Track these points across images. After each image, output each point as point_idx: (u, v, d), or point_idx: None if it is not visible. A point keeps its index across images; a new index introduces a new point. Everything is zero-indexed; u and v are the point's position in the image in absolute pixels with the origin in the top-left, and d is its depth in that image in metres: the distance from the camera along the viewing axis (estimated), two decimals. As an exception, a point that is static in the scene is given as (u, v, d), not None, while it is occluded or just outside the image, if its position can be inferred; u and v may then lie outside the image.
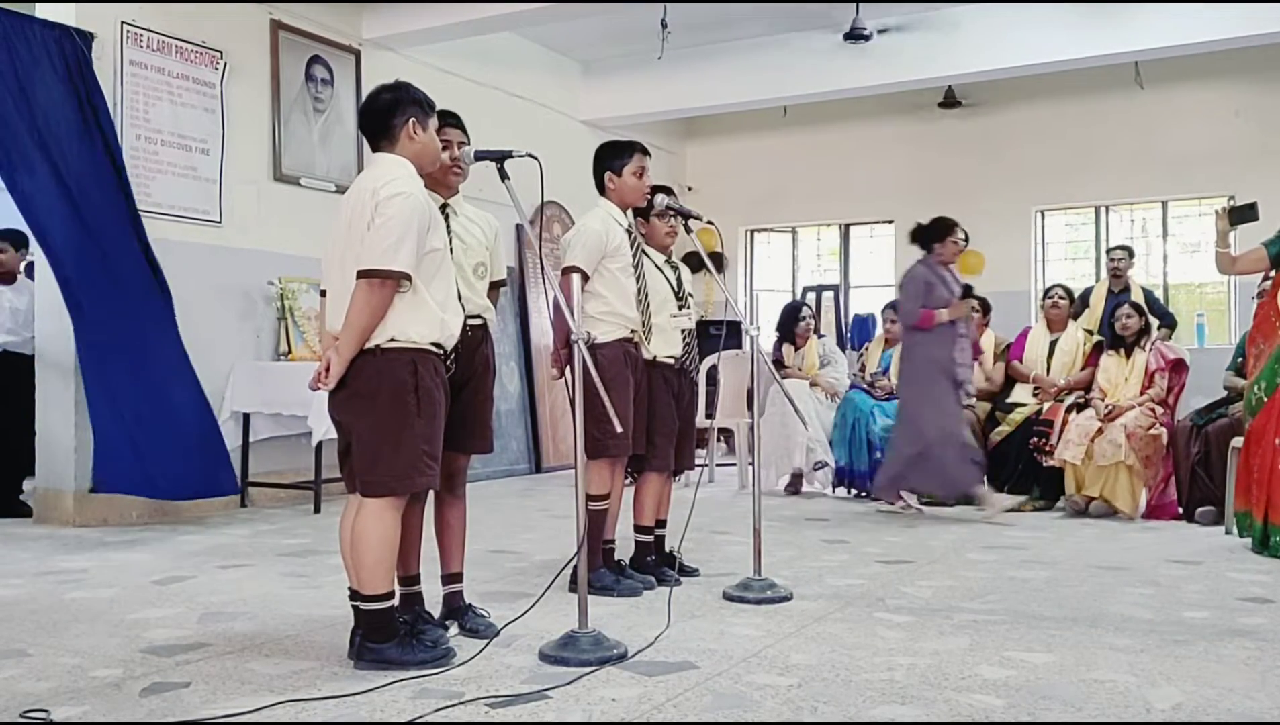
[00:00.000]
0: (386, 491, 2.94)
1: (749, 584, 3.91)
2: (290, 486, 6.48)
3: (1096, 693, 2.77)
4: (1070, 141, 9.88)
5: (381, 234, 2.87)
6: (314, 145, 7.11)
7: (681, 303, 4.26)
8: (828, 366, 7.34)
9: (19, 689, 2.83)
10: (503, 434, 8.15)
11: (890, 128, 10.53)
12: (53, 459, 5.77)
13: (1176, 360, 6.40)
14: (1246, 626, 3.48)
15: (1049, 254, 10.37)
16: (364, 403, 2.95)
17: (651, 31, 8.44)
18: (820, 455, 6.91)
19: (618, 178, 4.05)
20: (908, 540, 5.29)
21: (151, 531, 5.53)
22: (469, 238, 3.40)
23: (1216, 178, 9.32)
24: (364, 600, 2.97)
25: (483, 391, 3.40)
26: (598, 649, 3.04)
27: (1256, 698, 2.74)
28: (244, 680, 2.90)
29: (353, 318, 2.89)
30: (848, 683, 2.86)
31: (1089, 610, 3.72)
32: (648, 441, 4.11)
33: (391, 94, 3.08)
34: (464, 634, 3.31)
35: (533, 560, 4.70)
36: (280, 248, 6.27)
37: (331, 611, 3.63)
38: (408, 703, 2.69)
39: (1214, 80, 9.23)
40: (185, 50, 6.30)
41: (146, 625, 3.51)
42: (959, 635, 3.36)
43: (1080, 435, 6.03)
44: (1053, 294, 6.87)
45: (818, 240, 11.63)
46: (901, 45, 8.57)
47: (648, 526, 4.27)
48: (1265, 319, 5.03)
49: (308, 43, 7.10)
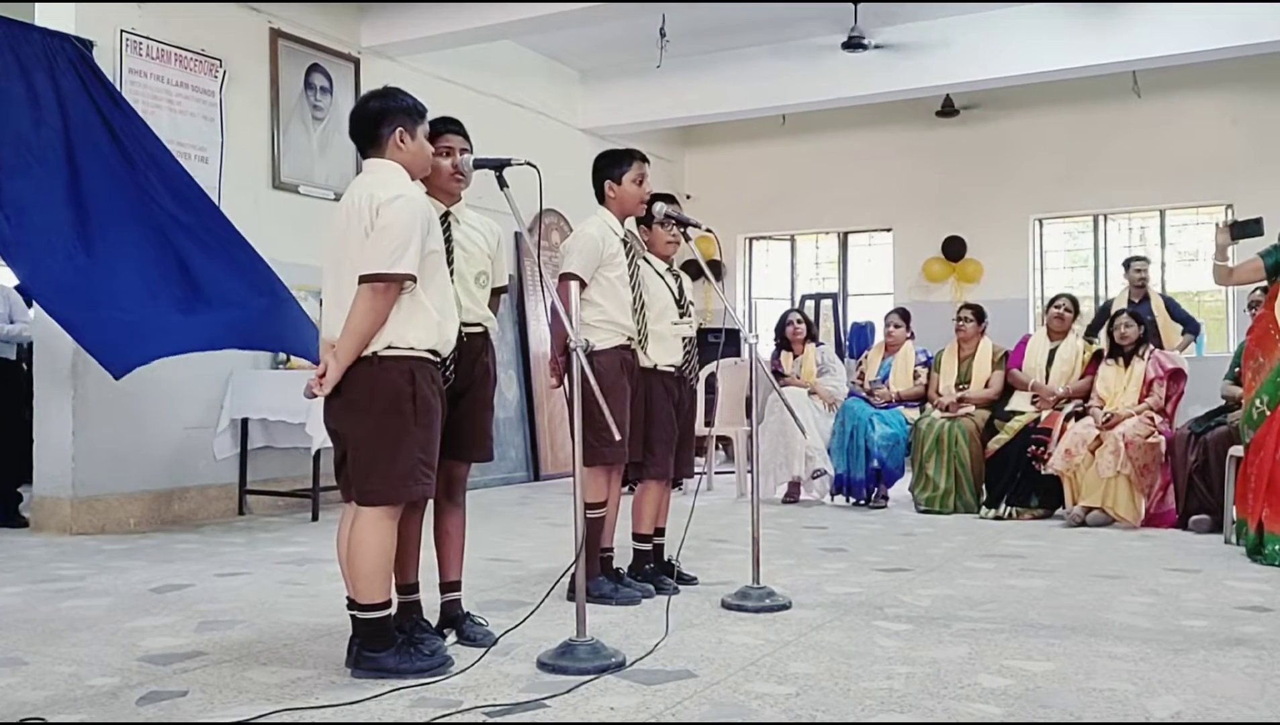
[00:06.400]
0: (383, 500, 2.94)
1: (747, 592, 3.90)
2: (288, 494, 6.47)
3: (1096, 701, 2.77)
4: (1068, 150, 9.90)
5: (384, 238, 2.86)
6: (313, 153, 7.11)
7: (683, 311, 4.26)
8: (826, 375, 7.33)
9: (16, 698, 2.82)
10: (501, 442, 8.14)
11: (888, 136, 10.55)
12: (50, 466, 5.77)
13: (1175, 369, 6.40)
14: (1246, 635, 3.47)
15: (1048, 262, 10.39)
16: (360, 411, 2.94)
17: (650, 40, 8.46)
18: (819, 463, 6.91)
19: (618, 186, 4.06)
20: (906, 549, 5.29)
21: (149, 539, 5.52)
22: (471, 246, 3.38)
23: (1214, 186, 9.35)
24: (361, 609, 2.96)
25: (483, 399, 3.39)
26: (596, 657, 3.03)
27: (1256, 706, 2.74)
28: (241, 689, 2.89)
29: (354, 323, 2.87)
30: (846, 691, 2.85)
31: (1088, 619, 3.71)
32: (647, 449, 4.11)
33: (379, 102, 3.06)
34: (462, 642, 3.30)
35: (531, 568, 4.69)
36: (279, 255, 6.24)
37: (329, 620, 3.63)
38: (405, 711, 2.68)
39: (1211, 89, 9.26)
40: (185, 58, 6.31)
41: (143, 634, 3.50)
42: (958, 644, 3.35)
43: (1077, 444, 6.04)
44: (1059, 304, 6.82)
45: (816, 248, 11.64)
46: (900, 54, 8.59)
47: (646, 535, 4.26)
48: (1265, 332, 5.03)
49: (307, 51, 7.11)
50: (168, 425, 6.11)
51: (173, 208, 5.43)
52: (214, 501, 6.38)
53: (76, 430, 5.69)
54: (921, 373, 7.17)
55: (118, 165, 5.34)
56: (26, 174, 5.07)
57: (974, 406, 6.79)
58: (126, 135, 5.42)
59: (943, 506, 6.58)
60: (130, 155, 5.39)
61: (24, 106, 5.16)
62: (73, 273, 5.08)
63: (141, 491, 6.01)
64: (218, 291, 5.44)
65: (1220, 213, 9.36)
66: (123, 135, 5.40)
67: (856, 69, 8.69)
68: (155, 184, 5.42)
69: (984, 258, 10.22)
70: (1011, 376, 6.85)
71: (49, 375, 5.80)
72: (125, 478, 5.92)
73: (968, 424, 6.66)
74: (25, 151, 5.10)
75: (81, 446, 5.69)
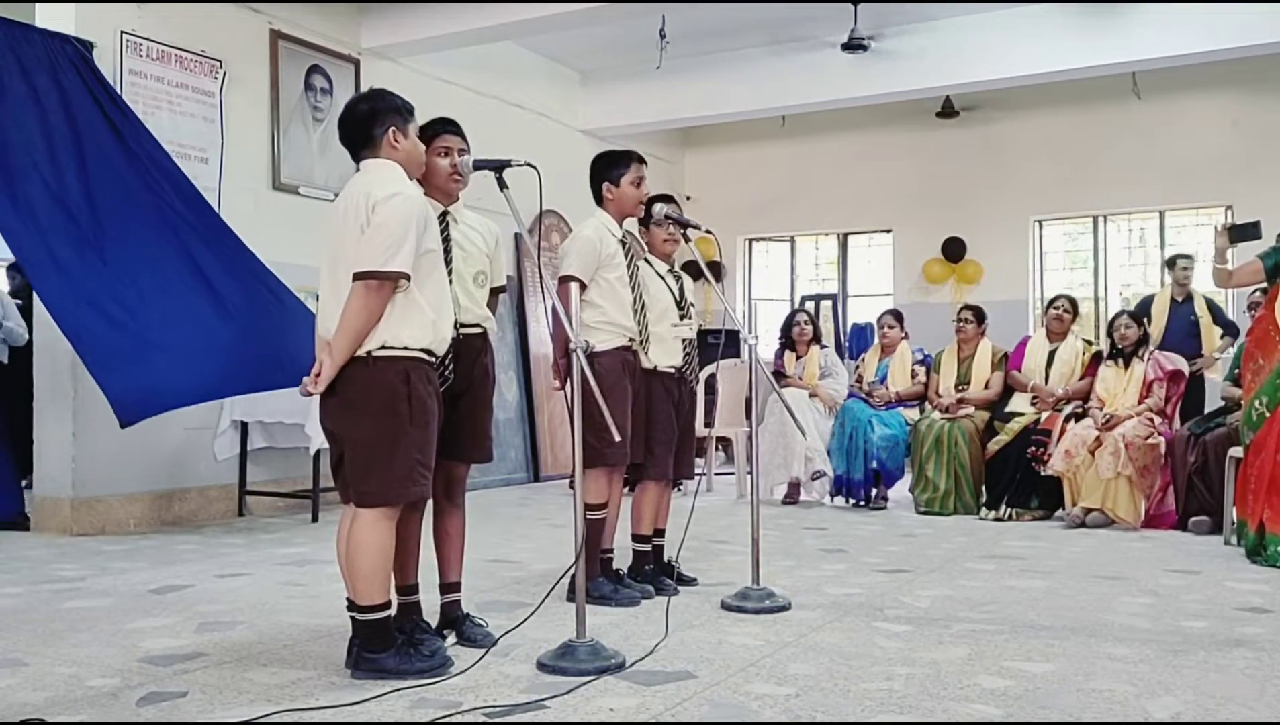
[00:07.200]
0: (381, 502, 2.93)
1: (747, 593, 3.90)
2: (288, 495, 6.47)
3: (1095, 702, 2.77)
4: (1068, 151, 9.90)
5: (379, 235, 2.86)
6: (313, 154, 7.12)
7: (683, 312, 4.26)
8: (828, 378, 7.32)
9: (15, 699, 2.82)
10: (501, 443, 8.15)
11: (888, 137, 10.55)
12: (50, 467, 5.77)
13: (1174, 370, 6.40)
14: (1245, 636, 3.48)
15: (1047, 263, 10.39)
16: (356, 413, 2.93)
17: (650, 41, 8.46)
18: (818, 465, 6.91)
19: (616, 187, 4.06)
20: (906, 550, 5.29)
21: (149, 540, 5.52)
22: (469, 246, 3.39)
23: (1214, 188, 9.34)
24: (361, 610, 2.96)
25: (482, 400, 3.39)
26: (596, 658, 3.03)
27: (1255, 707, 2.74)
28: (241, 690, 2.89)
29: (348, 321, 2.87)
30: (846, 692, 2.85)
31: (1088, 620, 3.71)
32: (646, 450, 4.11)
33: (368, 104, 3.06)
34: (462, 643, 3.30)
35: (531, 569, 4.69)
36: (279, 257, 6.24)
37: (329, 621, 3.63)
38: (405, 712, 2.69)
39: (1211, 90, 9.26)
40: (185, 59, 6.31)
41: (143, 634, 3.50)
42: (957, 645, 3.36)
43: (1077, 445, 6.04)
44: (1058, 305, 6.82)
45: (816, 249, 11.64)
46: (900, 55, 8.59)
47: (646, 535, 4.26)
48: (1265, 334, 5.04)
49: (307, 52, 7.12)
50: (168, 426, 6.09)
51: (182, 209, 5.42)
52: (214, 502, 6.38)
53: (76, 431, 5.69)
54: (920, 371, 7.17)
55: (125, 166, 5.32)
56: (36, 177, 5.05)
57: (974, 407, 6.79)
58: (130, 137, 5.41)
59: (942, 507, 6.58)
60: (137, 157, 5.38)
61: (29, 108, 5.14)
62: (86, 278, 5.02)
63: (142, 492, 6.01)
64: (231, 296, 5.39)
65: (1220, 214, 9.36)
66: (127, 136, 5.40)
67: (856, 70, 8.69)
68: (163, 186, 5.41)
69: (984, 259, 10.22)
70: (1011, 378, 6.85)
71: (49, 376, 5.80)
72: (125, 479, 5.92)
73: (967, 425, 6.67)
74: (33, 154, 5.08)
75: (81, 447, 5.69)
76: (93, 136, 5.27)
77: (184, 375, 5.15)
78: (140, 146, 5.42)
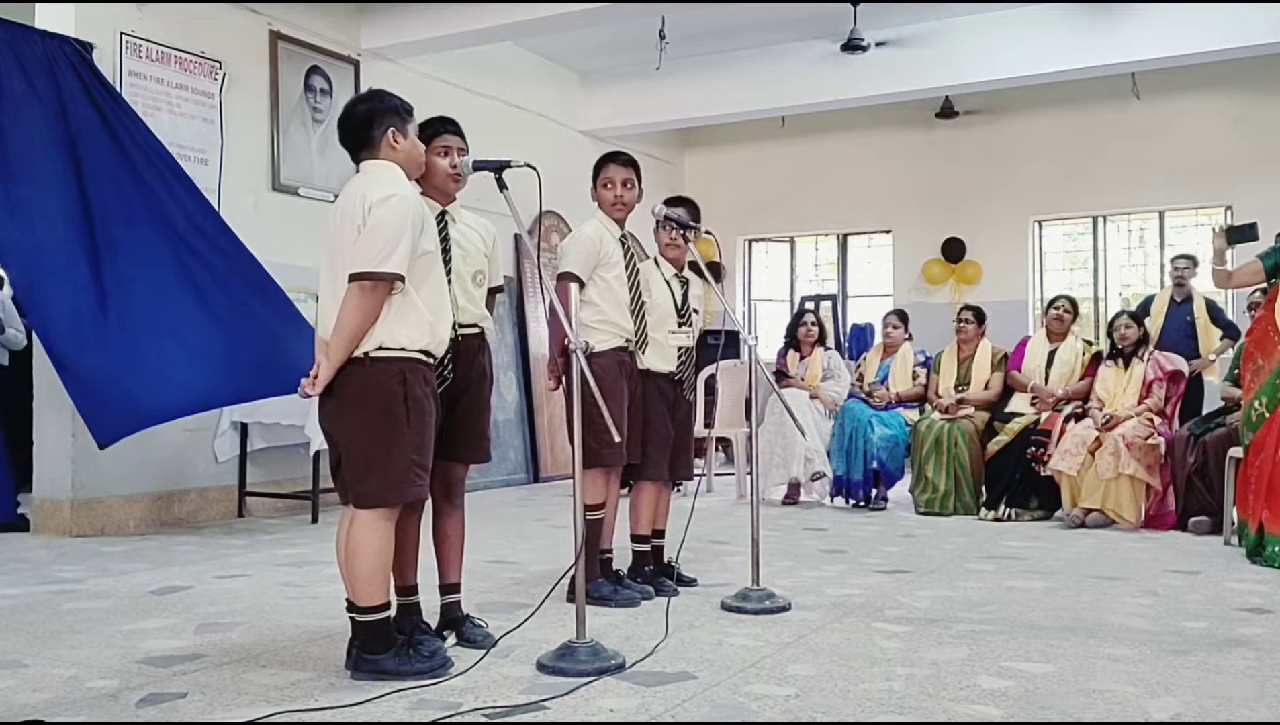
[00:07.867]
0: (378, 503, 2.93)
1: (747, 594, 3.90)
2: (288, 496, 6.47)
3: (1095, 703, 2.77)
4: (1067, 152, 9.91)
5: (375, 236, 2.86)
6: (312, 155, 7.12)
7: (682, 320, 4.25)
8: (830, 380, 7.31)
9: (15, 700, 2.82)
10: (500, 444, 8.15)
11: (888, 138, 10.56)
12: (50, 469, 5.77)
13: (1174, 371, 6.40)
14: (1245, 636, 3.48)
15: (1047, 264, 10.40)
16: (353, 414, 2.93)
17: (649, 42, 8.46)
18: (818, 465, 6.91)
19: (595, 191, 4.09)
20: (906, 550, 5.29)
21: (149, 541, 5.52)
22: (468, 245, 3.39)
23: (1213, 188, 9.35)
24: (360, 611, 2.96)
25: (480, 401, 3.39)
26: (595, 659, 3.03)
27: (1255, 708, 2.74)
28: (241, 691, 2.89)
29: (344, 322, 2.88)
30: (846, 693, 2.85)
31: (1087, 620, 3.71)
32: (641, 451, 4.11)
33: (366, 105, 3.06)
34: (461, 644, 3.30)
35: (530, 570, 4.69)
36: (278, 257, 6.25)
37: (329, 622, 3.63)
38: (405, 713, 2.68)
39: (1210, 91, 9.26)
40: (184, 60, 6.31)
41: (143, 636, 3.50)
42: (957, 645, 3.35)
43: (1076, 445, 6.04)
44: (1058, 305, 6.82)
45: (815, 250, 11.65)
46: (899, 56, 8.60)
47: (644, 536, 4.26)
48: (1264, 334, 5.04)
49: (306, 53, 7.12)
50: (167, 427, 6.08)
51: (180, 213, 5.41)
52: (214, 503, 6.38)
53: (76, 432, 5.68)
54: (920, 373, 7.17)
55: (121, 169, 5.32)
56: (32, 179, 5.05)
57: (973, 408, 6.79)
58: (129, 138, 5.41)
59: (942, 508, 6.58)
60: (133, 158, 5.38)
61: (28, 109, 5.15)
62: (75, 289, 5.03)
63: (141, 493, 6.01)
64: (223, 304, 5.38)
65: (1220, 214, 9.36)
66: (125, 138, 5.39)
67: (856, 71, 8.69)
68: (159, 187, 5.40)
69: (983, 259, 10.22)
70: (1011, 378, 6.85)
71: (49, 378, 5.78)
72: (125, 480, 5.92)
73: (967, 425, 6.66)
74: (30, 155, 5.08)
75: (81, 449, 5.68)
76: (91, 139, 5.26)
77: (164, 393, 5.18)
78: (141, 149, 5.41)
